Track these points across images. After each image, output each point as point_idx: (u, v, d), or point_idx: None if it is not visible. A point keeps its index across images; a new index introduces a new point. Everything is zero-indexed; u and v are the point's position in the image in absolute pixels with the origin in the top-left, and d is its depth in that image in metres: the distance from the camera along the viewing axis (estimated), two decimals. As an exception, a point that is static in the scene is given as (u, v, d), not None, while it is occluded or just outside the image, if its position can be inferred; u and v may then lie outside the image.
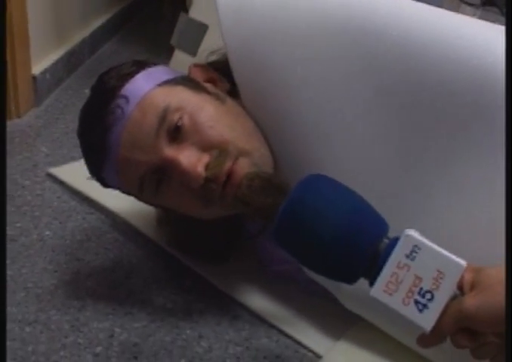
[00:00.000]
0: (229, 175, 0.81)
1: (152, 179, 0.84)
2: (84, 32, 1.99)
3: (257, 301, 0.97)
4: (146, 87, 0.84)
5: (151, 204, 0.95)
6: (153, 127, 0.82)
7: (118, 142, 0.83)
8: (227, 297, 0.98)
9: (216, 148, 0.82)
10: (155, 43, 2.19)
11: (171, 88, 0.85)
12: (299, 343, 0.90)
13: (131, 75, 0.86)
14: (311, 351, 0.89)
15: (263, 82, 0.86)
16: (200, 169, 0.81)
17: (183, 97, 0.84)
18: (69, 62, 1.84)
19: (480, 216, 0.78)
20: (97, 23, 2.10)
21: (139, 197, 0.92)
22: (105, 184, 0.92)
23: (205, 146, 0.82)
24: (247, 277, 1.01)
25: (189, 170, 0.81)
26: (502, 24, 0.83)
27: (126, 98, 0.83)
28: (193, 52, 1.16)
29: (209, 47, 1.03)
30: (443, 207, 0.81)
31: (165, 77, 0.87)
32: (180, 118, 0.82)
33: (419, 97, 0.80)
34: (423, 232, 0.79)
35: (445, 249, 0.61)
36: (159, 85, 0.85)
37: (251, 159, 0.83)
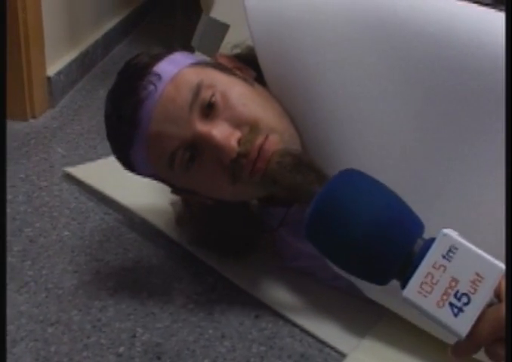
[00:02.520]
0: (260, 151, 0.82)
1: (184, 155, 0.84)
2: (97, 34, 1.99)
3: (280, 300, 0.96)
4: (178, 66, 0.86)
5: (175, 186, 0.94)
6: (187, 102, 0.83)
7: (150, 116, 0.83)
8: (249, 296, 0.97)
9: (247, 125, 0.83)
10: (168, 44, 2.19)
11: (202, 68, 0.87)
12: (323, 342, 0.90)
13: (162, 55, 0.88)
14: (335, 349, 0.88)
15: (289, 68, 0.87)
16: (233, 143, 0.82)
17: (214, 76, 0.86)
18: (83, 64, 1.84)
19: (497, 201, 0.78)
20: (109, 24, 2.10)
21: (165, 176, 0.90)
22: (130, 165, 0.91)
23: (237, 123, 0.83)
24: (269, 276, 1.01)
25: (223, 143, 0.81)
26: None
27: (159, 75, 0.84)
28: (213, 53, 1.16)
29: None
30: (461, 191, 0.82)
31: (195, 60, 0.89)
32: (213, 95, 0.83)
33: (443, 82, 0.81)
34: (440, 215, 0.80)
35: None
36: (190, 65, 0.87)
37: (281, 137, 0.84)
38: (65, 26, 1.77)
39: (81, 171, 1.31)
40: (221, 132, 0.82)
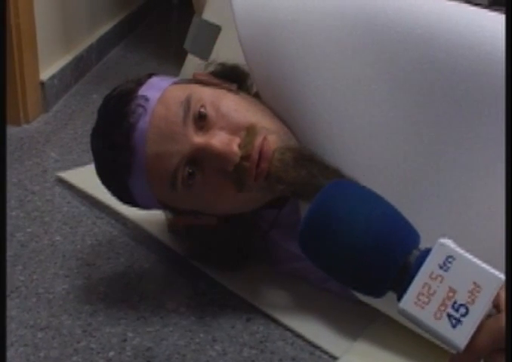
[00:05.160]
0: (261, 151, 0.82)
1: (185, 172, 0.83)
2: (92, 38, 1.99)
3: (272, 303, 0.96)
4: (162, 86, 0.86)
5: (178, 210, 0.92)
6: (179, 116, 0.83)
7: (144, 138, 0.82)
8: (241, 300, 0.97)
9: (243, 130, 0.83)
10: (162, 48, 2.19)
11: (186, 85, 0.88)
12: (314, 345, 0.89)
13: (144, 79, 0.88)
14: (327, 352, 0.88)
15: (277, 70, 0.87)
16: (235, 147, 0.81)
17: (200, 90, 0.86)
18: (77, 68, 1.84)
19: (492, 202, 0.78)
20: (103, 28, 2.10)
21: (168, 200, 0.89)
22: (130, 197, 0.89)
23: (233, 129, 0.83)
24: (260, 279, 1.00)
25: (224, 150, 0.81)
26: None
27: (145, 97, 0.84)
28: (206, 55, 1.16)
29: (221, 49, 1.05)
30: (453, 193, 0.81)
31: (175, 80, 0.90)
32: (203, 106, 0.83)
33: (432, 84, 0.81)
34: (431, 218, 0.80)
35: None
36: (173, 84, 0.88)
37: (278, 136, 0.84)
38: (58, 30, 1.77)
39: (73, 176, 1.31)
40: (220, 140, 0.82)
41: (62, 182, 1.30)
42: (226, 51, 1.12)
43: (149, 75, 0.89)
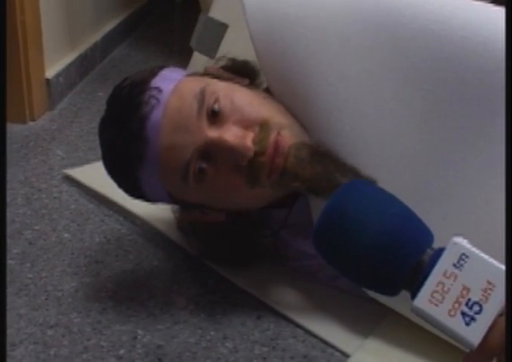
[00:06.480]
0: (276, 147, 0.82)
1: (197, 166, 0.82)
2: (96, 36, 1.98)
3: (282, 300, 0.95)
4: (175, 78, 0.85)
5: (187, 203, 0.91)
6: (193, 108, 0.82)
7: (157, 129, 0.81)
8: (251, 297, 0.96)
9: (257, 125, 0.82)
10: (166, 47, 2.19)
11: (200, 77, 0.88)
12: (326, 342, 0.89)
13: (156, 70, 0.87)
14: (338, 350, 0.87)
15: (288, 67, 0.86)
16: (249, 142, 0.81)
17: (214, 83, 0.86)
18: (82, 66, 1.83)
19: (500, 202, 0.78)
20: (108, 26, 2.09)
21: (178, 192, 0.87)
22: (138, 190, 0.88)
23: (247, 124, 0.82)
24: (270, 277, 1.00)
25: (238, 145, 0.80)
26: None
27: (158, 88, 0.83)
28: (212, 54, 1.15)
29: (228, 48, 1.05)
30: (465, 192, 0.81)
31: (187, 72, 0.89)
32: (217, 100, 0.82)
33: (445, 82, 0.81)
34: (443, 217, 0.80)
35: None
36: (187, 76, 0.87)
37: (292, 131, 0.84)
38: (64, 28, 1.77)
39: (80, 173, 1.30)
40: (233, 135, 0.81)
41: (69, 179, 1.29)
42: (232, 50, 1.11)
43: (161, 67, 0.89)
